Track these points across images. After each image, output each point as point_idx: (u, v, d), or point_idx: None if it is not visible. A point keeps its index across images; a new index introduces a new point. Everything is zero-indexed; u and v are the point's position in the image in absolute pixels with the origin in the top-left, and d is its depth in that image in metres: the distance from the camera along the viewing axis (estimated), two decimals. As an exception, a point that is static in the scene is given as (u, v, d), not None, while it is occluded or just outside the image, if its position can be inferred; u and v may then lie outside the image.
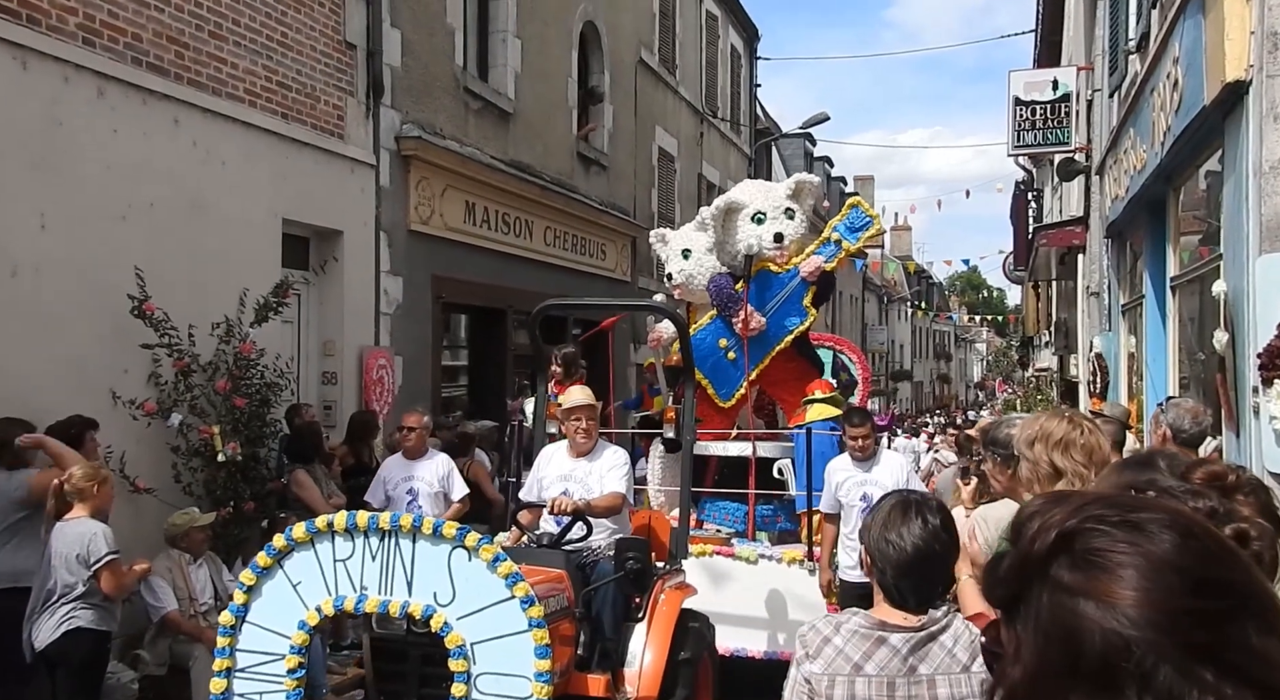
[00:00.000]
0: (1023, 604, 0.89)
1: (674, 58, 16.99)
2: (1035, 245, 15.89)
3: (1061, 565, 0.87)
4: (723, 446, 6.97)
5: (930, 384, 56.39)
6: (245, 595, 3.77)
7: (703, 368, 6.71)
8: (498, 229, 11.12)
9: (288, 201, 7.91)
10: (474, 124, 10.74)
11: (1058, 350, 18.22)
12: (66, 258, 5.96)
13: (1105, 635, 0.82)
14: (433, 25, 9.97)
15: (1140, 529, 0.87)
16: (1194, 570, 0.84)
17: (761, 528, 6.82)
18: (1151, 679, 0.80)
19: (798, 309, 6.90)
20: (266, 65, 7.73)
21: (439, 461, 6.60)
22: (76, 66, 6.07)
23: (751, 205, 6.95)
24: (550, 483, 5.02)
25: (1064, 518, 0.90)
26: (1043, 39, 16.88)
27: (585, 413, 5.04)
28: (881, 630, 2.36)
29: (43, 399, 5.62)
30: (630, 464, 5.14)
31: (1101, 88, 11.03)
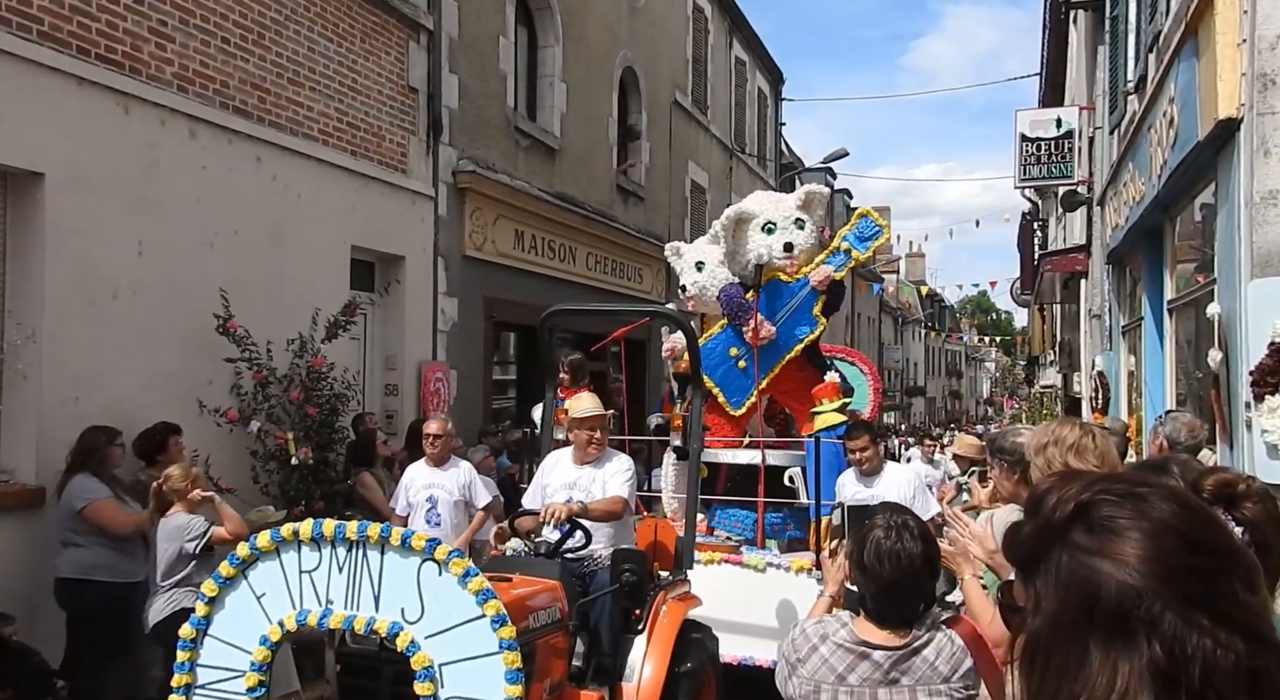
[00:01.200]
0: (1043, 564, 0.95)
1: (706, 99, 17.08)
2: (1041, 271, 15.73)
3: (1079, 530, 0.94)
4: (733, 454, 6.61)
5: (942, 400, 55.76)
6: (207, 607, 3.30)
7: (714, 376, 6.47)
8: (544, 254, 11.22)
9: (356, 230, 8.06)
10: (523, 159, 10.87)
11: (1062, 368, 17.99)
12: (160, 281, 6.11)
13: (1119, 586, 0.88)
14: (487, 71, 10.13)
15: (1144, 500, 0.93)
16: (1189, 533, 0.90)
17: (771, 536, 6.43)
18: (1158, 624, 0.86)
19: (808, 318, 6.54)
20: (338, 108, 7.89)
21: (461, 469, 6.17)
22: (171, 110, 6.24)
23: (762, 215, 6.57)
24: (555, 491, 4.58)
25: (1079, 491, 0.96)
26: (1047, 81, 16.77)
27: (596, 422, 4.60)
28: (864, 647, 2.30)
29: (138, 407, 5.76)
30: (634, 470, 4.72)
31: (1102, 125, 10.94)
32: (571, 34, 11.93)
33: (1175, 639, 0.85)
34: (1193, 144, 5.55)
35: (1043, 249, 18.77)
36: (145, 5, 6.06)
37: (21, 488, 5.29)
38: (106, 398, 5.61)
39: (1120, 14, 9.41)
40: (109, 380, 5.71)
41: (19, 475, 5.35)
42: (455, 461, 6.21)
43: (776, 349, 6.49)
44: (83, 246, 5.59)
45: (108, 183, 5.77)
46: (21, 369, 5.37)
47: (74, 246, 5.54)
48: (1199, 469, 1.88)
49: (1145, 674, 0.85)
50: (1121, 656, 0.86)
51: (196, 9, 6.46)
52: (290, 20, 7.34)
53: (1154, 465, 1.93)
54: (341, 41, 7.92)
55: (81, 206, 5.58)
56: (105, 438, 5.21)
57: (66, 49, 5.52)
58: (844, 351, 8.57)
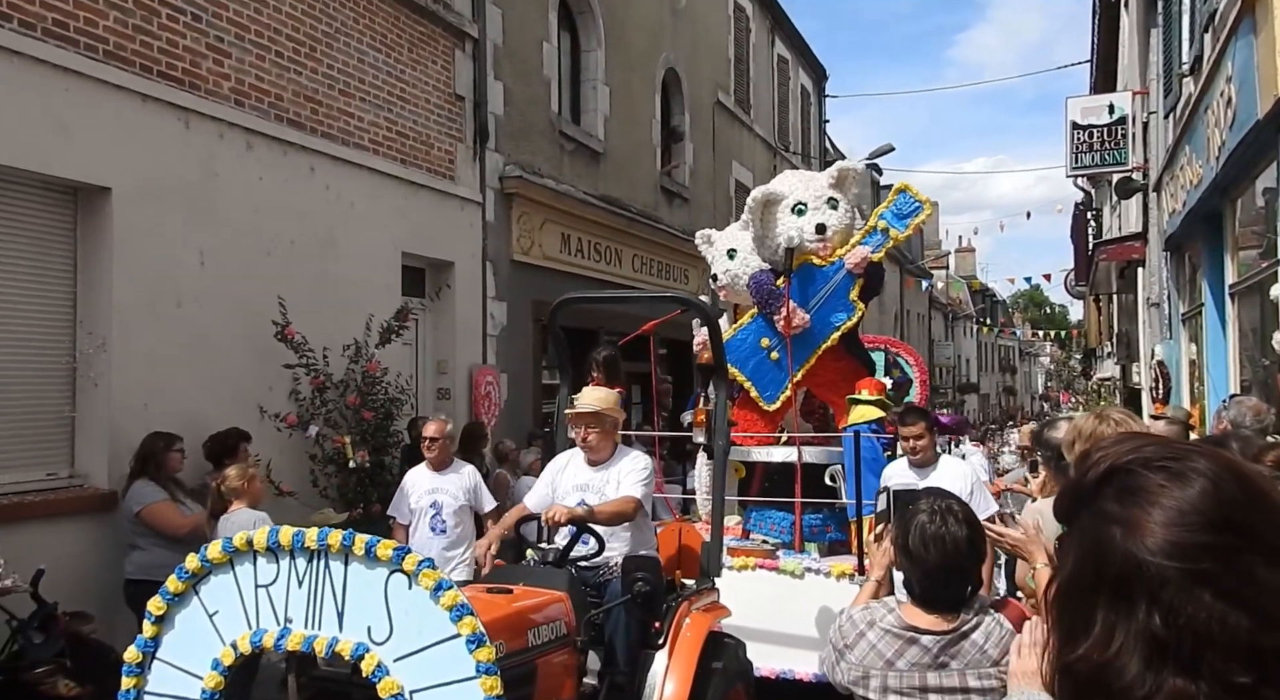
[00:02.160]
0: (1073, 523, 0.98)
1: (749, 98, 17.05)
2: (1095, 260, 15.42)
3: (1107, 495, 0.95)
4: (767, 452, 6.14)
5: (996, 396, 54.83)
6: (155, 627, 2.90)
7: (745, 369, 6.12)
8: (590, 257, 11.31)
9: (406, 236, 8.21)
10: (568, 163, 10.97)
11: (1120, 360, 17.60)
12: (221, 289, 6.30)
13: (1125, 555, 0.90)
14: (531, 77, 10.25)
15: (1178, 475, 0.93)
16: (1214, 513, 0.90)
17: (810, 538, 5.94)
18: (1158, 594, 0.88)
19: (844, 304, 6.03)
20: (388, 117, 8.06)
21: (465, 473, 5.77)
22: (229, 124, 6.43)
23: (792, 196, 6.08)
24: (565, 493, 4.22)
25: (1117, 455, 0.97)
26: (1098, 68, 16.44)
27: (589, 419, 4.17)
28: (912, 632, 2.30)
29: (202, 413, 5.94)
30: (651, 468, 4.29)
31: (1157, 110, 10.71)
32: (613, 37, 12.02)
33: (1172, 611, 0.87)
34: (1252, 123, 5.44)
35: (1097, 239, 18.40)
36: (203, 23, 6.26)
37: (94, 492, 5.49)
38: (172, 404, 5.80)
39: (1173, -5, 9.21)
40: (174, 387, 5.90)
41: (92, 479, 5.56)
42: (458, 464, 5.85)
43: (811, 338, 6.03)
44: (148, 257, 5.79)
45: (170, 195, 5.96)
46: (93, 377, 5.57)
47: (139, 257, 5.74)
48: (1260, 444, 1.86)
49: (1139, 639, 0.88)
50: (1120, 620, 0.89)
51: (252, 25, 6.66)
52: (340, 34, 7.52)
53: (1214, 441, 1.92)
54: (390, 52, 8.08)
55: (146, 218, 5.78)
56: (164, 443, 5.39)
57: (130, 67, 5.72)
58: (888, 342, 8.12)
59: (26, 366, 5.39)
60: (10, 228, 5.28)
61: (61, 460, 5.53)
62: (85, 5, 5.46)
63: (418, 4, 8.31)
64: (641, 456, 4.31)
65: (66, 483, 5.48)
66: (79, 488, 5.50)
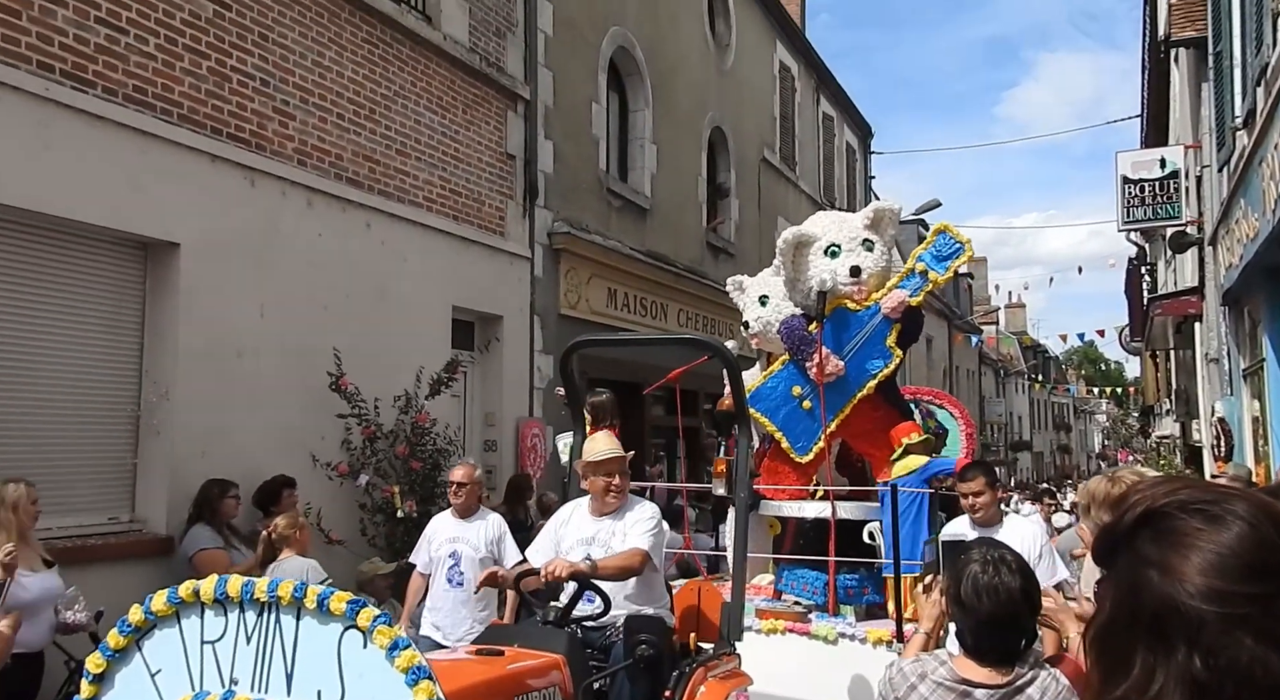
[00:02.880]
0: (1111, 564, 1.00)
1: (794, 155, 17.27)
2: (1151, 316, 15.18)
3: (1144, 538, 0.97)
4: (799, 507, 5.79)
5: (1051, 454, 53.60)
6: (93, 686, 2.66)
7: (775, 418, 5.82)
8: (636, 312, 11.44)
9: (457, 291, 8.42)
10: (616, 219, 11.19)
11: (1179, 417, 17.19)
12: (280, 341, 6.51)
13: (1164, 599, 0.92)
14: (580, 136, 10.53)
15: (1215, 519, 0.94)
16: (1253, 557, 0.92)
17: (845, 601, 5.52)
18: (1198, 637, 0.89)
19: (881, 350, 5.69)
20: (441, 175, 8.33)
21: (491, 522, 5.42)
22: (292, 182, 6.72)
23: (824, 237, 5.82)
24: (570, 546, 3.97)
25: (1155, 497, 0.98)
26: (1149, 122, 16.40)
27: (614, 466, 3.98)
28: (965, 686, 2.27)
29: (257, 461, 6.11)
30: (659, 519, 4.02)
31: (1210, 164, 10.64)
32: (661, 97, 12.32)
33: (1212, 653, 0.88)
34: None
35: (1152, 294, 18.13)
36: (271, 87, 6.59)
37: (153, 536, 5.65)
38: (230, 452, 5.97)
39: (1224, 49, 9.23)
40: (232, 435, 6.08)
41: (151, 525, 5.72)
42: (484, 513, 5.50)
43: (846, 386, 5.71)
44: (211, 310, 6.02)
45: (234, 250, 6.22)
46: (155, 425, 5.77)
47: (203, 310, 5.97)
48: None
49: (1179, 681, 0.89)
50: (1159, 662, 0.90)
51: (315, 89, 6.98)
52: (399, 96, 7.84)
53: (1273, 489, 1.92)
54: (445, 113, 8.39)
55: (211, 273, 6.03)
56: (219, 490, 5.57)
57: (202, 129, 6.03)
58: (932, 393, 7.75)
59: (95, 414, 5.61)
60: (85, 280, 5.55)
61: (123, 505, 5.71)
62: (163, 72, 5.79)
63: (473, 68, 8.65)
64: (648, 506, 4.07)
65: (127, 527, 5.65)
66: (139, 532, 5.66)
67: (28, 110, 5.01)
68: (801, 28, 18.85)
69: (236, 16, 6.34)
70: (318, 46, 7.00)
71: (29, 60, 5.05)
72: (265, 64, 6.55)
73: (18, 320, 5.20)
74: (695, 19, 13.59)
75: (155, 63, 5.74)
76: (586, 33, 10.75)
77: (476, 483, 5.45)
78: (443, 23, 8.33)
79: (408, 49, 7.92)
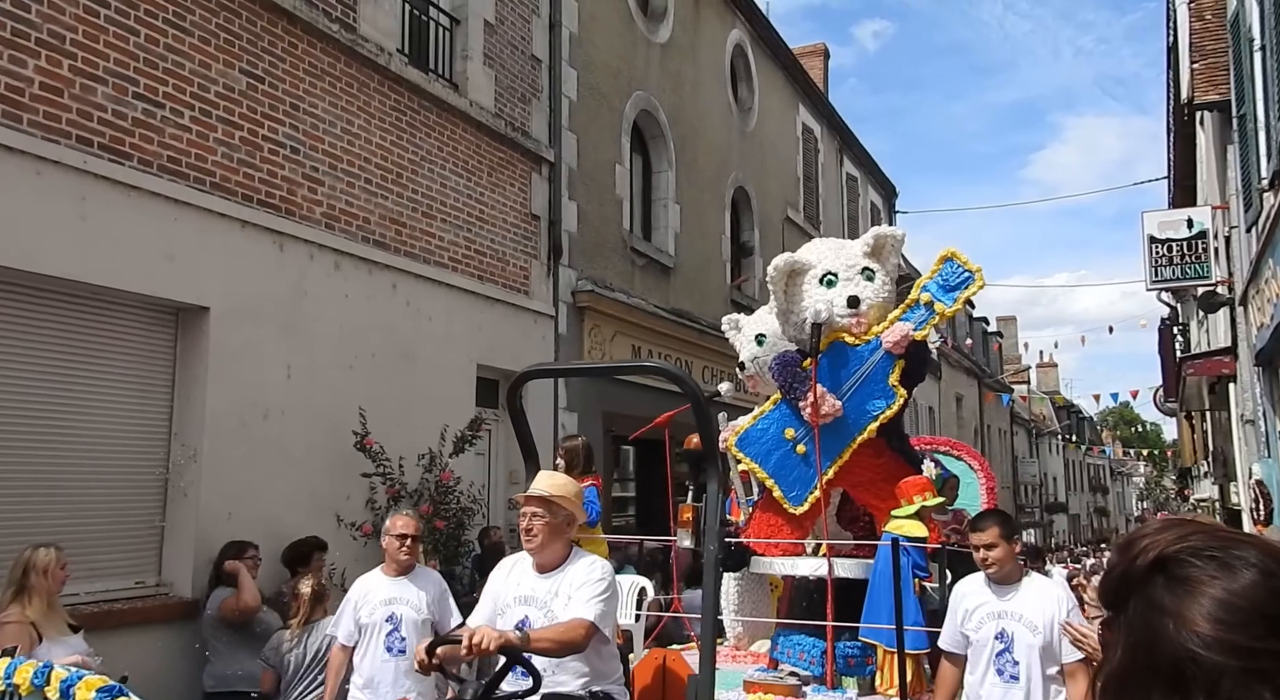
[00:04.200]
0: (1121, 611, 0.99)
1: (818, 214, 17.44)
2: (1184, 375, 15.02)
3: (1156, 584, 0.96)
4: (792, 564, 5.16)
5: (1087, 517, 52.55)
6: None
7: (766, 465, 5.28)
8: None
9: (481, 349, 8.54)
10: (639, 278, 11.33)
11: (1217, 479, 16.87)
12: (306, 402, 6.62)
13: (1179, 649, 0.92)
14: (604, 197, 10.74)
15: (1227, 566, 0.94)
16: (1267, 608, 0.92)
17: (846, 672, 4.91)
18: (1216, 688, 0.89)
19: (883, 389, 5.10)
20: (466, 237, 8.52)
21: (431, 580, 4.78)
22: (320, 246, 6.90)
23: (820, 265, 5.30)
24: (506, 605, 3.50)
25: (1166, 543, 0.98)
26: (1176, 184, 16.45)
27: (534, 504, 3.43)
28: None
29: (281, 522, 6.17)
30: (611, 580, 3.48)
31: (1238, 224, 10.64)
32: (684, 159, 12.56)
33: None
34: (1331, 239, 5.41)
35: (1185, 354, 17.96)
36: (300, 155, 6.82)
37: (179, 600, 5.70)
38: (256, 512, 6.05)
39: (1248, 112, 9.30)
40: (258, 495, 6.16)
41: (177, 588, 5.78)
42: (423, 571, 4.87)
43: (844, 429, 5.14)
44: (239, 372, 6.16)
45: (262, 313, 6.38)
46: (183, 486, 5.87)
47: (232, 372, 6.10)
48: None
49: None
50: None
51: (344, 155, 7.21)
52: (425, 161, 8.07)
53: None
54: (470, 176, 8.61)
55: (240, 335, 6.18)
56: (235, 550, 5.61)
57: (233, 197, 6.24)
58: (949, 443, 7.14)
59: (124, 476, 5.71)
60: (117, 345, 5.71)
61: (149, 569, 5.78)
62: (197, 143, 6.02)
63: (498, 132, 8.89)
64: (599, 563, 3.49)
65: (153, 591, 5.71)
66: (165, 596, 5.72)
67: (67, 183, 5.23)
68: (824, 91, 19.18)
69: (269, 88, 6.59)
70: (347, 114, 7.25)
71: (69, 135, 5.28)
72: (296, 132, 6.78)
73: (53, 384, 5.35)
74: (718, 84, 13.89)
75: (190, 134, 5.98)
76: (610, 97, 11.03)
77: (418, 535, 4.82)
78: (469, 90, 8.60)
79: (434, 115, 8.18)
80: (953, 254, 5.20)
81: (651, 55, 12.07)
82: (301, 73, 6.86)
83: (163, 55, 5.84)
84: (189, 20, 6.02)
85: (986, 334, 34.62)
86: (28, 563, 4.15)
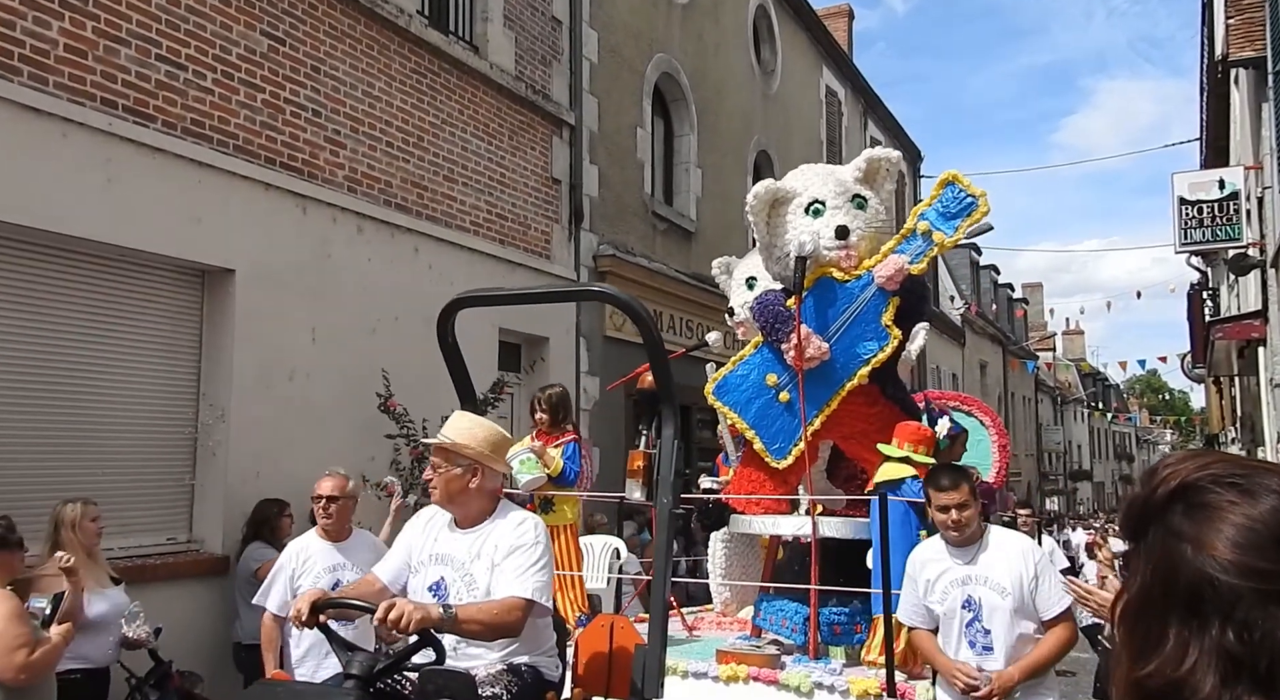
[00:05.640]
0: (1141, 539, 1.00)
1: (840, 178, 17.29)
2: (1212, 339, 14.86)
3: (1176, 512, 0.97)
4: (773, 522, 4.66)
5: (1112, 485, 52.32)
6: None
7: (746, 414, 4.74)
8: (682, 334, 11.52)
9: (503, 313, 8.58)
10: (660, 243, 11.31)
11: (1245, 445, 16.74)
12: (330, 364, 6.71)
13: (1197, 573, 0.93)
14: (625, 161, 10.70)
15: (1249, 492, 0.95)
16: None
17: (832, 641, 4.47)
18: (1232, 611, 0.90)
19: (875, 330, 4.50)
20: (488, 201, 8.54)
21: (369, 543, 4.49)
22: (342, 209, 6.95)
23: (805, 193, 4.68)
24: (420, 563, 2.98)
25: (1188, 471, 0.99)
26: (1208, 145, 16.13)
27: (437, 454, 2.95)
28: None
29: (308, 481, 6.23)
30: (545, 543, 2.91)
31: (1272, 184, 10.45)
32: (706, 122, 12.47)
33: (1246, 626, 0.88)
34: (1365, 196, 5.32)
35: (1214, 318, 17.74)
36: (323, 118, 6.84)
37: (209, 556, 5.84)
38: (282, 472, 6.15)
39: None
40: (285, 456, 6.27)
41: (207, 545, 5.91)
42: (358, 533, 4.53)
43: (832, 374, 4.55)
44: (265, 334, 6.24)
45: (287, 276, 6.45)
46: (211, 446, 5.99)
47: (257, 334, 6.19)
48: None
49: (1214, 654, 0.89)
50: (1194, 636, 0.91)
51: (365, 119, 7.23)
52: (446, 124, 8.07)
53: None
54: (491, 140, 8.61)
55: (265, 298, 6.26)
56: (276, 509, 5.74)
57: (256, 159, 6.29)
58: (958, 398, 6.55)
59: (155, 437, 5.83)
60: (145, 307, 5.79)
61: (181, 525, 5.92)
62: (220, 106, 6.06)
63: (518, 95, 8.87)
64: (529, 522, 2.94)
65: (185, 547, 5.85)
66: (195, 552, 5.86)
67: (93, 145, 5.29)
68: (849, 53, 18.93)
69: (290, 50, 6.61)
70: (368, 77, 7.26)
71: (94, 97, 5.33)
72: (317, 95, 6.80)
73: (82, 346, 5.45)
74: (740, 46, 13.75)
75: (212, 97, 6.02)
76: (631, 59, 10.95)
77: (350, 497, 4.39)
78: (489, 52, 8.57)
79: (455, 78, 8.16)
80: (954, 177, 4.59)
81: (673, 16, 11.95)
82: (322, 35, 6.87)
83: (184, 17, 5.86)
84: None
85: (1012, 300, 34.33)
86: (57, 518, 4.27)
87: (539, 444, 5.36)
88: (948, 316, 24.94)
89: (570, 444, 5.41)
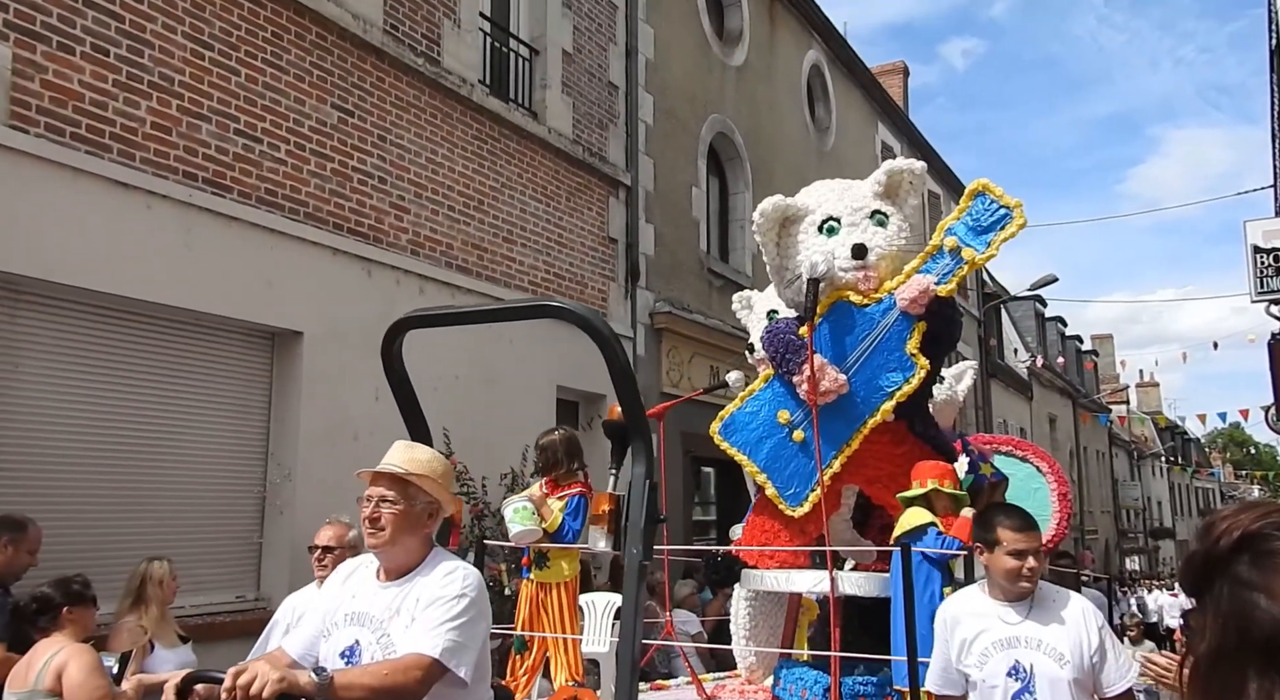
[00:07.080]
0: (1207, 592, 1.00)
1: (898, 231, 17.27)
2: (1295, 392, 14.34)
3: (1242, 562, 0.98)
4: (787, 577, 4.15)
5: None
6: None
7: (757, 456, 4.25)
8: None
9: (561, 371, 8.72)
10: (716, 299, 11.41)
11: (1338, 503, 16.00)
12: (393, 423, 6.79)
13: (1271, 622, 0.93)
14: (680, 219, 10.88)
15: None
16: None
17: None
18: None
19: (898, 359, 4.03)
20: (546, 260, 8.75)
21: None
22: (405, 271, 7.19)
23: (819, 210, 4.25)
24: (334, 625, 2.50)
25: (1249, 521, 1.00)
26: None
27: (387, 485, 2.53)
28: None
29: (371, 538, 6.40)
30: (472, 597, 2.43)
31: (1348, 230, 10.19)
32: (760, 179, 12.63)
33: None
34: None
35: (1296, 369, 17.10)
36: (388, 184, 7.13)
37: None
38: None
39: (1351, 113, 8.94)
40: (349, 514, 6.40)
41: (274, 603, 6.02)
42: None
43: (852, 410, 4.08)
44: (330, 394, 6.44)
45: (352, 337, 6.67)
46: (279, 505, 6.16)
47: (324, 394, 6.39)
48: None
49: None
50: (1276, 686, 0.91)
51: (429, 184, 7.51)
52: (506, 187, 8.34)
53: None
54: (549, 202, 8.85)
55: (331, 359, 6.48)
56: None
57: (324, 226, 6.57)
58: (1011, 442, 6.01)
59: (225, 496, 6.03)
60: (217, 369, 6.05)
61: (249, 583, 6.08)
62: (292, 175, 6.37)
63: (576, 158, 9.12)
64: (460, 571, 2.49)
65: (252, 605, 6.00)
66: (263, 610, 5.98)
67: (174, 216, 5.60)
68: (905, 109, 19.05)
69: (358, 121, 6.93)
70: (431, 144, 7.56)
71: (176, 170, 5.66)
72: (383, 163, 7.11)
73: (157, 407, 5.69)
74: (794, 104, 13.96)
75: (285, 166, 6.33)
76: (686, 121, 11.20)
77: (349, 548, 4.06)
78: (548, 117, 8.86)
79: (515, 143, 8.45)
80: (985, 187, 4.11)
81: (727, 78, 12.21)
82: (388, 106, 7.20)
83: (261, 93, 6.21)
84: (285, 59, 6.40)
85: (1081, 352, 33.58)
86: (145, 574, 4.42)
87: (540, 494, 4.78)
88: (1014, 370, 24.49)
89: (576, 498, 4.79)
